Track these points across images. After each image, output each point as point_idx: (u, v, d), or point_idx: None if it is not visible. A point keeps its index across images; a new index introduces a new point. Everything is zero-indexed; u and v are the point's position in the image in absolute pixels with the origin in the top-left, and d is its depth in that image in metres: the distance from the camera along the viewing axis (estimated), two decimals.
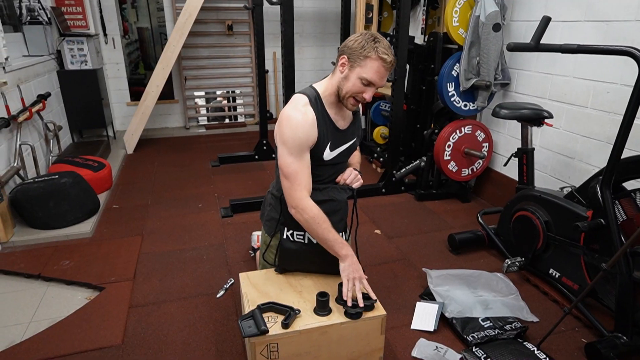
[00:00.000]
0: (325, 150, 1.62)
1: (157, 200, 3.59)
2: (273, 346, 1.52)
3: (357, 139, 1.77)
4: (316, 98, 1.59)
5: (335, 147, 1.65)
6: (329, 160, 1.65)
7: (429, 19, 4.03)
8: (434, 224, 3.20)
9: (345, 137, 1.69)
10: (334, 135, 1.63)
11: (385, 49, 1.48)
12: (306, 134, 1.54)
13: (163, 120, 5.81)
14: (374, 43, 1.48)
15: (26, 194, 2.88)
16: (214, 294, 2.35)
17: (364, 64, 1.49)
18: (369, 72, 1.50)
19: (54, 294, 2.39)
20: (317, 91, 1.61)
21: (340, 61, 1.54)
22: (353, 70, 1.52)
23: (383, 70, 1.50)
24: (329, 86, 1.61)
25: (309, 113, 1.55)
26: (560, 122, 2.86)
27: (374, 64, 1.49)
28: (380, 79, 1.52)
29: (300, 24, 5.72)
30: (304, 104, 1.56)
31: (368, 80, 1.51)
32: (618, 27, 2.45)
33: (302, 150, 1.55)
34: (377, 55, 1.47)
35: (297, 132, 1.53)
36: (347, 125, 1.69)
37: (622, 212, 2.01)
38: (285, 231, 1.71)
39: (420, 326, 2.10)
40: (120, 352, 1.94)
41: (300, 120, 1.53)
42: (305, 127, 1.54)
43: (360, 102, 1.58)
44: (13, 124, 3.17)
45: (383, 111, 4.53)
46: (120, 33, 5.39)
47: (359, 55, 1.49)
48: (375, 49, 1.47)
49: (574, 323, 2.14)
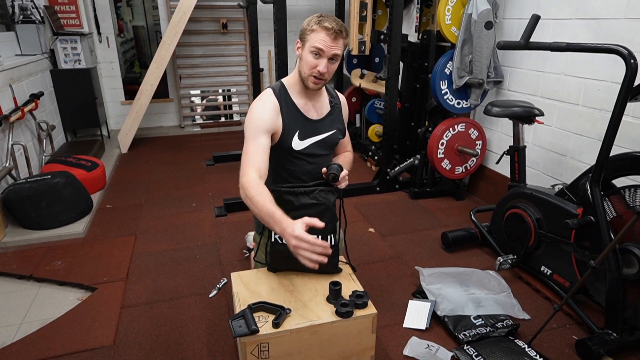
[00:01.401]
0: (293, 139, 1.64)
1: (151, 199, 3.59)
2: (264, 346, 1.52)
3: (338, 132, 1.76)
4: (280, 89, 1.67)
5: (305, 136, 1.66)
6: (301, 150, 1.66)
7: (422, 16, 4.03)
8: (427, 222, 3.20)
9: (319, 128, 1.69)
10: (303, 124, 1.66)
11: (329, 20, 1.55)
12: (262, 118, 1.59)
13: (158, 119, 5.79)
14: (317, 18, 1.56)
15: (18, 194, 2.87)
16: (206, 294, 2.35)
17: (310, 37, 1.56)
18: (315, 41, 1.55)
19: (46, 295, 2.38)
20: (282, 83, 1.69)
21: (296, 46, 1.63)
22: (304, 48, 1.59)
23: (329, 38, 1.54)
24: (292, 76, 1.68)
25: (268, 101, 1.62)
26: (552, 120, 2.87)
27: (318, 34, 1.54)
28: (327, 46, 1.55)
29: (295, 22, 5.69)
30: (267, 94, 1.65)
31: (316, 49, 1.55)
32: (608, 24, 2.46)
33: (257, 133, 1.58)
34: (321, 26, 1.54)
35: (254, 117, 1.60)
36: (320, 116, 1.70)
37: (611, 209, 2.02)
38: (273, 234, 1.70)
39: (412, 324, 2.10)
40: (112, 352, 1.94)
41: (258, 107, 1.61)
42: (262, 112, 1.59)
43: (319, 78, 1.59)
44: (5, 123, 3.15)
45: (377, 109, 4.54)
46: (115, 31, 5.36)
47: (305, 32, 1.58)
48: (319, 22, 1.55)
49: (565, 320, 2.15)
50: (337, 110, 1.76)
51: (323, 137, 1.71)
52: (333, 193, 1.67)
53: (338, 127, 1.76)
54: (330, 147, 1.76)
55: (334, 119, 1.74)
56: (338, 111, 1.77)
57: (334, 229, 1.73)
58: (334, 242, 1.72)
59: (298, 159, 1.67)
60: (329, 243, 1.54)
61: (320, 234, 1.67)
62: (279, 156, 1.67)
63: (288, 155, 1.66)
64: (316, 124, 1.68)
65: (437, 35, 3.40)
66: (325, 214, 1.68)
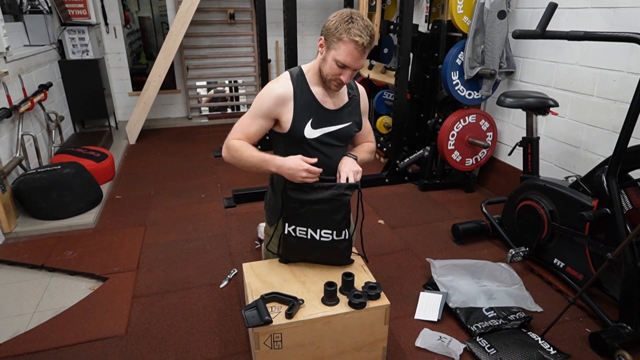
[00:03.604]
0: (306, 127, 1.61)
1: (160, 190, 3.59)
2: (277, 336, 1.52)
3: (354, 125, 1.71)
4: (298, 74, 1.62)
5: (318, 125, 1.62)
6: (314, 138, 1.63)
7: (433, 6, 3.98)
8: (437, 214, 3.18)
9: (334, 119, 1.65)
10: (317, 113, 1.61)
11: (359, 30, 1.43)
12: (269, 102, 1.58)
13: (165, 110, 5.79)
14: (347, 24, 1.43)
15: (29, 184, 2.88)
16: (217, 284, 2.35)
17: (337, 47, 1.47)
18: (341, 54, 1.47)
19: (58, 285, 2.40)
20: (301, 69, 1.63)
21: (319, 42, 1.54)
22: (329, 53, 1.51)
23: (357, 53, 1.46)
24: (313, 66, 1.62)
25: (283, 85, 1.59)
26: (565, 111, 2.83)
27: (346, 47, 1.45)
28: (354, 61, 1.48)
29: (303, 13, 5.65)
30: (284, 78, 1.62)
31: (342, 63, 1.48)
32: (625, 13, 2.41)
33: (259, 114, 1.60)
34: (350, 37, 1.43)
35: (263, 98, 1.59)
36: (337, 107, 1.66)
37: (627, 202, 1.99)
38: (287, 227, 1.69)
39: (423, 316, 2.10)
40: (124, 342, 1.95)
41: (271, 88, 1.59)
42: (271, 96, 1.58)
43: (341, 83, 1.56)
44: (15, 114, 3.16)
45: (386, 100, 4.50)
46: (122, 22, 5.34)
47: (332, 37, 1.47)
48: (348, 30, 1.43)
49: (578, 313, 2.13)
50: (354, 102, 1.70)
51: (337, 129, 1.66)
52: (352, 189, 1.63)
53: (354, 120, 1.70)
54: (344, 140, 1.71)
55: (350, 111, 1.69)
56: (356, 103, 1.71)
57: (348, 224, 1.71)
58: (348, 235, 1.70)
59: (311, 147, 1.64)
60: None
61: (335, 229, 1.67)
62: (292, 145, 1.64)
63: (301, 143, 1.62)
64: (332, 115, 1.64)
65: (447, 25, 3.35)
66: (340, 209, 1.65)
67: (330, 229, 1.66)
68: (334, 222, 1.65)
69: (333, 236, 1.67)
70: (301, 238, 1.69)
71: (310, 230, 1.67)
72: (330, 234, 1.66)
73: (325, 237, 1.67)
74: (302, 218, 1.65)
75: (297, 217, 1.65)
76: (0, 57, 3.10)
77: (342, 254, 1.75)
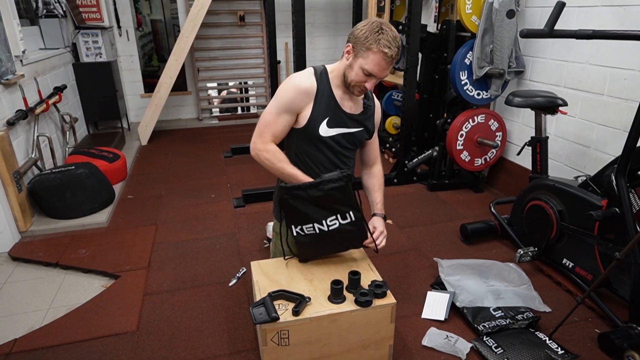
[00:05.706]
0: (321, 125, 1.64)
1: (170, 190, 3.64)
2: (284, 333, 1.54)
3: (365, 131, 1.74)
4: (322, 73, 1.64)
5: (334, 125, 1.65)
6: (326, 137, 1.66)
7: (441, 6, 3.97)
8: (446, 214, 3.18)
9: (349, 122, 1.68)
10: (335, 113, 1.64)
11: (388, 41, 1.47)
12: (294, 96, 1.59)
13: (176, 111, 5.86)
14: (377, 35, 1.47)
15: (44, 184, 2.95)
16: (226, 283, 2.39)
17: (365, 56, 1.51)
18: (369, 64, 1.51)
19: (72, 282, 2.45)
20: (325, 68, 1.66)
21: (346, 48, 1.57)
22: (356, 60, 1.54)
23: (384, 63, 1.51)
24: (336, 68, 1.65)
25: (309, 80, 1.61)
26: (575, 110, 2.81)
27: (375, 57, 1.49)
28: (381, 71, 1.53)
29: (312, 14, 5.68)
30: (309, 73, 1.64)
31: (369, 72, 1.52)
32: (637, 11, 2.39)
33: (284, 109, 1.61)
34: (379, 48, 1.47)
35: (288, 90, 1.60)
36: (355, 111, 1.69)
37: (637, 201, 1.98)
38: (294, 228, 1.71)
39: (430, 315, 2.10)
40: (135, 338, 1.99)
41: (297, 81, 1.61)
42: (298, 89, 1.59)
43: (365, 90, 1.61)
44: (31, 116, 3.23)
45: (395, 101, 4.50)
46: (134, 25, 5.43)
47: (361, 46, 1.51)
48: (378, 41, 1.47)
49: (587, 313, 2.12)
50: (370, 112, 1.74)
51: (351, 132, 1.70)
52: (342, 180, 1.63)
53: (367, 127, 1.74)
54: (355, 143, 1.75)
55: (364, 119, 1.73)
56: (371, 113, 1.75)
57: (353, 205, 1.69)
58: (355, 218, 1.69)
59: (323, 144, 1.67)
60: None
61: (338, 213, 1.68)
62: (304, 141, 1.67)
63: (314, 140, 1.66)
64: (348, 117, 1.68)
65: (456, 25, 3.35)
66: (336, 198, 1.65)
67: (334, 214, 1.68)
68: (334, 210, 1.67)
69: (339, 220, 1.68)
70: (311, 234, 1.71)
71: (316, 224, 1.68)
72: (335, 219, 1.68)
73: (332, 224, 1.69)
74: (305, 217, 1.67)
75: (300, 218, 1.67)
76: (17, 60, 3.18)
77: (355, 234, 1.74)
